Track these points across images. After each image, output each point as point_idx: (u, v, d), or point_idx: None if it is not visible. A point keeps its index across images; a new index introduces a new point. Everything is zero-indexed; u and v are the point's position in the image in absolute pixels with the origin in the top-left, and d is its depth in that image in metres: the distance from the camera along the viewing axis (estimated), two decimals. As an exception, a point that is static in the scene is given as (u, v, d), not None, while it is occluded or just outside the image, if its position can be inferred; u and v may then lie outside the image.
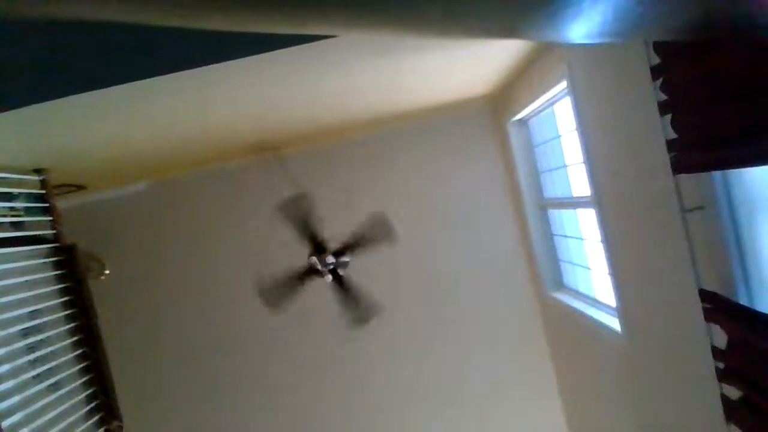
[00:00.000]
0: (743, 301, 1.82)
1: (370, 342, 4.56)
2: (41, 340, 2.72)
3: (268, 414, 4.67)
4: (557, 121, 3.72)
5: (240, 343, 4.63)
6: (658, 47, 1.79)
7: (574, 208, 3.78)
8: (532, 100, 3.56)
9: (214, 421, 4.64)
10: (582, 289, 3.86)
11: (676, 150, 1.85)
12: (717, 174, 1.82)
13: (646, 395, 2.79)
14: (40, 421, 2.55)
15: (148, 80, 2.06)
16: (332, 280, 3.25)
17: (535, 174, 4.25)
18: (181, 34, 1.94)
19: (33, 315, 2.72)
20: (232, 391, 4.65)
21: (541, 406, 4.71)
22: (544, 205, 4.25)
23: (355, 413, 4.72)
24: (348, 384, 4.72)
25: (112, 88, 2.05)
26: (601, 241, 2.86)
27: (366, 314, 3.31)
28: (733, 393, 1.81)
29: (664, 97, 1.83)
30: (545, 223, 4.29)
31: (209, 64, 2.03)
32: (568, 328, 4.01)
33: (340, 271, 3.24)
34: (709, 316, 1.88)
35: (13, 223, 2.87)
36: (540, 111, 3.82)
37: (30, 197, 3.00)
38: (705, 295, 1.90)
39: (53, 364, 2.76)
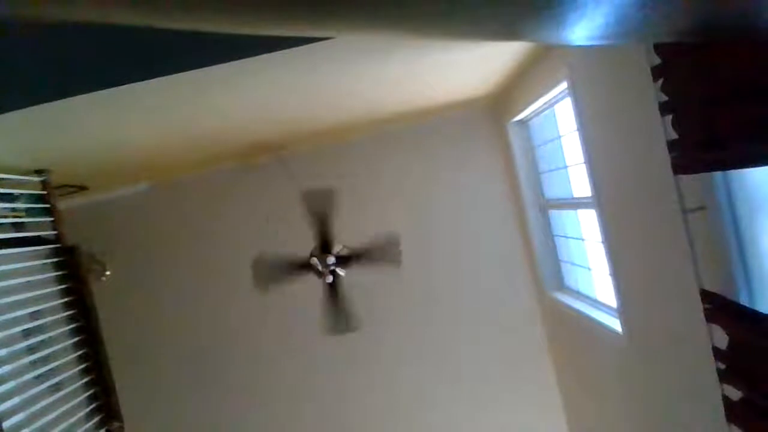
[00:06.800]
0: (744, 301, 1.82)
1: (371, 341, 4.56)
2: (42, 341, 2.72)
3: (268, 414, 4.67)
4: (558, 122, 3.72)
5: (240, 344, 4.64)
6: (659, 48, 1.79)
7: (575, 209, 3.77)
8: (533, 101, 3.56)
9: (214, 421, 4.64)
10: (582, 289, 3.86)
11: (677, 150, 1.85)
12: (718, 174, 1.82)
13: (647, 396, 2.78)
14: (41, 422, 2.55)
15: (148, 81, 2.06)
16: (328, 282, 3.24)
17: (536, 175, 4.25)
18: (182, 36, 1.94)
19: (34, 316, 2.72)
20: (233, 392, 4.65)
21: (542, 406, 4.71)
22: (545, 205, 4.25)
23: (355, 412, 4.72)
24: (347, 383, 4.72)
25: (113, 89, 2.05)
26: (602, 242, 2.86)
27: (345, 327, 3.29)
28: (735, 394, 1.81)
29: (664, 97, 1.83)
30: (546, 223, 4.29)
31: (210, 65, 2.03)
32: (568, 329, 4.01)
33: (339, 272, 3.23)
34: (710, 316, 1.88)
35: (14, 224, 2.87)
36: (540, 112, 3.83)
37: (31, 198, 2.99)
38: (706, 296, 1.90)
39: (54, 365, 2.76)
